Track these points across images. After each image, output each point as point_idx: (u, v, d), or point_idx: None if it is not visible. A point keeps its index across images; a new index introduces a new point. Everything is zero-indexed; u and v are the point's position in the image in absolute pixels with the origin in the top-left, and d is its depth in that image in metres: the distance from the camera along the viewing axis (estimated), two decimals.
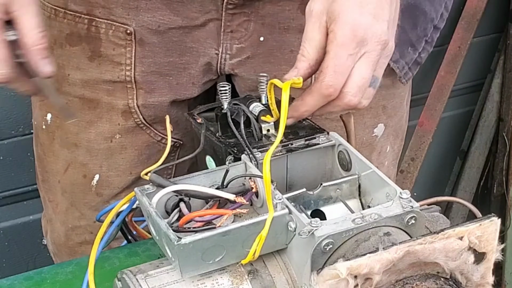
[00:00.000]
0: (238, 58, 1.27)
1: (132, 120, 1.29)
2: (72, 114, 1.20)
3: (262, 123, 1.03)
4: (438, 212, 1.04)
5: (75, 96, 1.29)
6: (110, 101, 1.28)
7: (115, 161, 1.32)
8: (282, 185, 1.00)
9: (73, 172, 1.34)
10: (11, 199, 2.02)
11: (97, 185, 1.34)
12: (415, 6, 1.30)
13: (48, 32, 1.23)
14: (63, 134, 1.32)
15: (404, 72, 1.33)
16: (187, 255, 0.83)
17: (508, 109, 2.49)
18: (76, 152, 1.33)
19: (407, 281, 0.83)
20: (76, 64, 1.26)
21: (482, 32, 2.45)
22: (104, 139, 1.31)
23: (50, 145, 1.36)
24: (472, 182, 2.64)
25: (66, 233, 1.41)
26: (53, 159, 1.37)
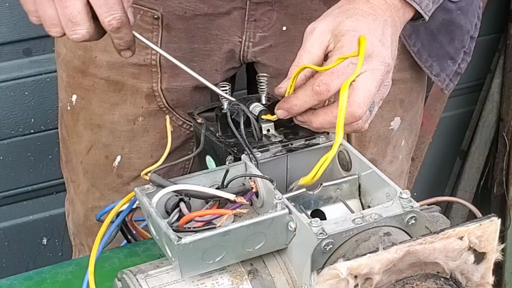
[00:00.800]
0: (260, 46, 1.30)
1: (155, 104, 1.31)
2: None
3: (262, 123, 1.03)
4: (438, 212, 1.04)
5: (101, 78, 1.31)
6: (135, 84, 1.30)
7: (137, 143, 1.35)
8: (282, 185, 1.00)
9: (96, 153, 1.37)
10: (11, 199, 2.03)
11: (119, 166, 1.36)
12: (450, 22, 1.34)
13: None
14: (88, 115, 1.35)
15: (445, 84, 1.38)
16: (187, 255, 0.83)
17: (508, 109, 2.49)
18: (99, 133, 1.35)
19: (407, 281, 0.83)
20: (104, 47, 1.29)
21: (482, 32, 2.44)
22: (127, 121, 1.33)
23: (74, 126, 1.38)
24: (472, 182, 2.64)
25: (86, 213, 1.44)
26: (76, 140, 1.39)
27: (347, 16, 1.02)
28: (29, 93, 1.91)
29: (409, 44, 1.31)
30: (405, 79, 1.35)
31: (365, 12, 1.02)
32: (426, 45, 1.34)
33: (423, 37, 1.32)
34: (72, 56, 1.33)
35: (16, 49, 1.88)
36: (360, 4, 1.03)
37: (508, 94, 2.48)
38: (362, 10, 1.03)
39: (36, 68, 1.90)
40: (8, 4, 1.82)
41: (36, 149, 1.98)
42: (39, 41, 1.88)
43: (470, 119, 2.60)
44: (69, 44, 1.33)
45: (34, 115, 1.94)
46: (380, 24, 1.02)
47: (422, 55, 1.34)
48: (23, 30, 1.85)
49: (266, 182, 0.91)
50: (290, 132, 1.03)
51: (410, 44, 1.31)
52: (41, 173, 2.01)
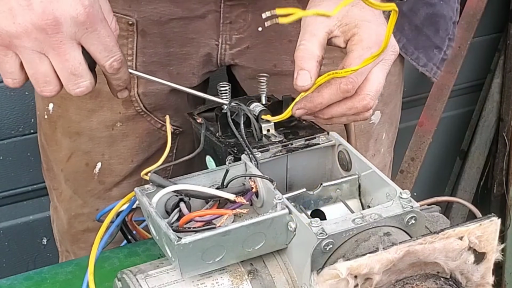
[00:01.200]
0: (237, 48, 1.29)
1: (133, 109, 1.31)
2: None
3: (262, 123, 1.03)
4: (438, 212, 1.04)
5: None
6: None
7: (117, 148, 1.34)
8: (282, 185, 1.00)
9: (76, 160, 1.36)
10: (11, 199, 2.02)
11: (100, 173, 1.35)
12: (434, 14, 1.35)
13: None
14: (65, 123, 1.34)
15: (433, 72, 1.40)
16: (187, 255, 0.83)
17: (508, 109, 2.49)
18: (78, 141, 1.34)
19: (407, 281, 0.83)
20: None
21: (482, 32, 2.45)
22: (105, 127, 1.32)
23: (53, 134, 1.37)
24: (472, 182, 2.63)
25: (69, 221, 1.43)
26: (55, 148, 1.38)
27: (351, 4, 1.01)
28: (29, 93, 1.90)
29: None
30: None
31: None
32: (412, 40, 1.35)
33: (407, 33, 1.34)
34: None
35: None
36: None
37: (508, 94, 2.48)
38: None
39: None
40: None
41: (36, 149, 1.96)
42: None
43: (470, 119, 2.60)
44: None
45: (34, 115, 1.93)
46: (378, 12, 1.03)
47: (408, 49, 1.35)
48: None
49: (266, 182, 0.91)
50: (290, 132, 1.04)
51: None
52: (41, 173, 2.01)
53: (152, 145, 1.34)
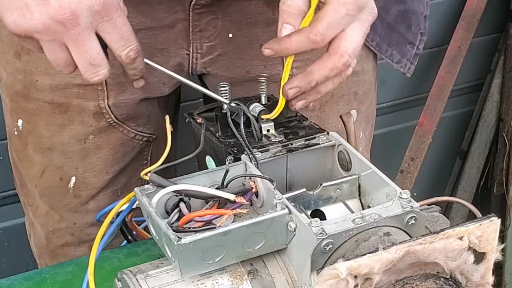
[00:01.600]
0: (209, 56, 1.27)
1: (104, 120, 1.29)
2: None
3: (262, 123, 1.03)
4: (438, 212, 1.04)
5: (44, 101, 1.28)
6: (81, 104, 1.27)
7: (91, 161, 1.32)
8: (282, 185, 1.00)
9: (49, 175, 1.34)
10: (11, 199, 2.02)
11: (75, 187, 1.34)
12: (405, 11, 1.35)
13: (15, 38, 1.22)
14: (36, 139, 1.32)
15: (407, 68, 1.38)
16: (187, 255, 0.83)
17: (508, 109, 2.49)
18: (50, 156, 1.32)
19: (407, 281, 0.83)
20: (45, 70, 1.25)
21: (482, 32, 2.45)
22: (77, 141, 1.30)
23: (24, 151, 1.35)
24: (472, 182, 2.64)
25: (47, 236, 1.41)
26: (27, 164, 1.36)
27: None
28: None
29: (367, 40, 1.31)
30: (356, 72, 1.34)
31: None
32: (385, 37, 1.34)
33: (380, 31, 1.33)
34: (13, 81, 1.29)
35: None
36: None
37: (508, 94, 2.48)
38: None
39: None
40: None
41: None
42: None
43: (470, 119, 2.60)
44: (9, 68, 1.28)
45: None
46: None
47: (382, 47, 1.35)
48: None
49: (266, 182, 0.91)
50: (290, 132, 1.04)
51: (368, 40, 1.31)
52: None
53: (127, 155, 1.32)
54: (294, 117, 1.07)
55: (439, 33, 2.40)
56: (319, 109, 1.32)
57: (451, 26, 2.37)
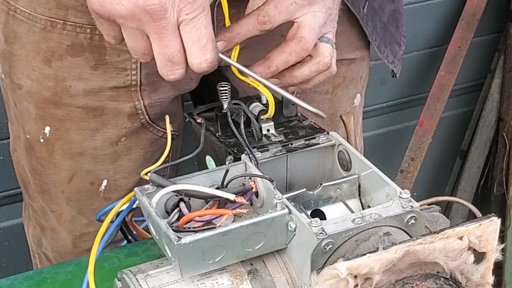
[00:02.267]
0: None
1: (138, 121, 1.29)
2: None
3: (262, 123, 1.03)
4: (438, 212, 1.04)
5: (77, 106, 1.27)
6: (116, 106, 1.27)
7: (122, 163, 1.32)
8: (282, 185, 1.00)
9: (79, 180, 1.33)
10: (11, 199, 2.02)
11: (105, 190, 1.33)
12: (395, 10, 1.38)
13: (43, 44, 1.22)
14: (65, 144, 1.31)
15: (398, 68, 1.42)
16: (187, 255, 0.83)
17: (508, 109, 2.49)
18: (81, 161, 1.31)
19: (407, 281, 0.83)
20: (79, 75, 1.25)
21: (482, 32, 2.45)
22: (110, 144, 1.30)
23: (50, 157, 1.33)
24: (472, 182, 2.64)
25: (74, 241, 1.40)
26: (54, 171, 1.35)
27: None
28: None
29: (373, 39, 1.35)
30: (363, 57, 1.39)
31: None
32: (382, 38, 1.37)
33: (379, 31, 1.36)
34: (40, 88, 1.27)
35: None
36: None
37: (508, 94, 2.48)
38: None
39: None
40: None
41: None
42: None
43: (470, 119, 2.60)
44: (35, 75, 1.27)
45: None
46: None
47: (381, 48, 1.38)
48: None
49: (266, 182, 0.91)
50: (290, 132, 1.04)
51: (373, 39, 1.35)
52: None
53: (155, 154, 1.33)
54: (294, 117, 1.07)
55: (439, 33, 2.40)
56: (332, 92, 1.35)
57: (451, 26, 2.37)
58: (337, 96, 1.35)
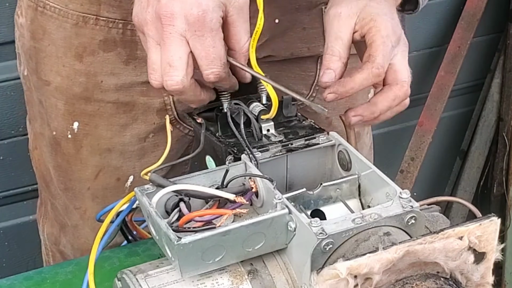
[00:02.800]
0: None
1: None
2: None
3: (262, 123, 1.03)
4: (438, 212, 1.04)
5: (108, 101, 1.28)
6: (146, 101, 1.28)
7: (148, 160, 1.32)
8: (282, 185, 1.00)
9: (105, 177, 1.34)
10: (11, 199, 2.02)
11: (131, 186, 1.34)
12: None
13: (75, 40, 1.24)
14: (94, 140, 1.32)
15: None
16: (187, 255, 0.83)
17: (508, 109, 2.49)
18: (108, 157, 1.32)
19: (407, 281, 0.83)
20: (110, 70, 1.26)
21: (482, 32, 2.45)
22: (138, 140, 1.31)
23: (77, 154, 1.34)
24: (472, 182, 2.64)
25: None
26: (80, 167, 1.35)
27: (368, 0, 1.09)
28: None
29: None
30: None
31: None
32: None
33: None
34: (71, 84, 1.28)
35: None
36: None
37: (508, 94, 2.48)
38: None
39: None
40: (8, 4, 1.82)
41: None
42: None
43: (470, 119, 2.60)
44: (66, 71, 1.28)
45: None
46: (393, 6, 1.11)
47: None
48: None
49: (266, 182, 0.91)
50: (290, 132, 1.04)
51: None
52: None
53: (179, 151, 1.33)
54: (294, 117, 1.07)
55: (439, 33, 2.41)
56: None
57: (451, 26, 2.38)
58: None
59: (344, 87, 1.05)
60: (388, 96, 1.08)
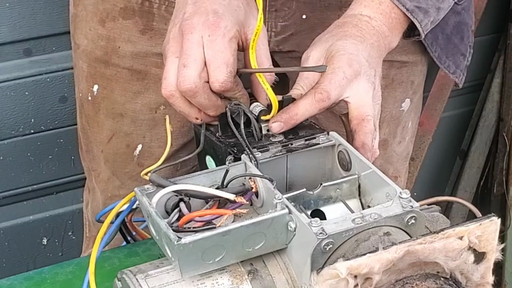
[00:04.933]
0: (282, 35, 1.32)
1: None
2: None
3: (262, 123, 1.03)
4: (438, 212, 1.04)
5: (124, 67, 1.33)
6: (158, 73, 1.31)
7: (158, 132, 1.36)
8: (282, 185, 1.00)
9: (117, 141, 1.39)
10: (11, 199, 2.02)
11: (139, 155, 1.38)
12: (460, 22, 1.41)
13: (100, 5, 1.31)
14: (109, 104, 1.37)
15: (460, 78, 1.45)
16: (187, 255, 0.83)
17: (508, 109, 2.49)
18: (121, 122, 1.37)
19: (407, 280, 0.83)
20: (128, 37, 1.31)
21: (482, 32, 2.45)
22: (149, 109, 1.35)
23: (95, 116, 1.40)
24: (472, 182, 2.64)
25: (105, 202, 1.45)
26: (97, 129, 1.41)
27: (336, 38, 1.08)
28: (29, 93, 1.90)
29: (432, 51, 1.36)
30: (416, 62, 1.40)
31: (353, 34, 1.09)
32: (444, 48, 1.39)
33: (440, 42, 1.38)
34: (94, 47, 1.35)
35: (17, 49, 1.88)
36: (349, 27, 1.10)
37: (508, 94, 2.48)
38: (350, 33, 1.09)
39: (36, 68, 1.90)
40: (8, 4, 1.82)
41: (36, 149, 1.98)
42: (40, 41, 1.88)
43: (470, 119, 2.60)
44: (91, 34, 1.34)
45: (34, 115, 1.94)
46: (367, 46, 1.09)
47: (442, 58, 1.40)
48: (23, 30, 1.85)
49: (266, 182, 0.91)
50: (290, 132, 1.04)
51: (432, 51, 1.36)
52: (41, 173, 2.01)
53: (191, 130, 1.35)
54: None
55: None
56: None
57: None
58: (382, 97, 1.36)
59: (288, 113, 1.03)
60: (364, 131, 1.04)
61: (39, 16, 1.85)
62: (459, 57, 1.43)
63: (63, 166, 2.01)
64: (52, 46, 1.89)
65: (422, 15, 1.17)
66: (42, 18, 1.85)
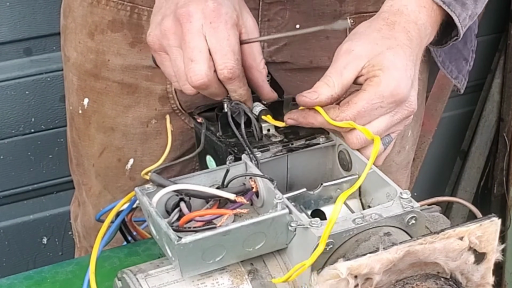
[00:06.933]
0: (275, 46, 1.29)
1: (169, 106, 1.31)
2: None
3: (263, 122, 1.03)
4: (438, 212, 1.04)
5: (114, 81, 1.32)
6: (149, 86, 1.30)
7: (150, 146, 1.35)
8: (282, 185, 1.00)
9: (108, 155, 1.37)
10: (11, 199, 2.02)
11: (131, 169, 1.37)
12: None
13: (89, 18, 1.29)
14: (100, 118, 1.35)
15: (462, 83, 1.42)
16: (187, 254, 0.83)
17: (508, 109, 2.49)
18: (112, 136, 1.35)
19: (407, 281, 0.83)
20: (117, 50, 1.30)
21: (482, 32, 2.44)
22: (140, 123, 1.33)
23: (86, 129, 1.38)
24: (472, 182, 2.63)
25: None
26: (88, 143, 1.39)
27: (387, 46, 1.00)
28: (30, 92, 1.90)
29: (436, 55, 1.34)
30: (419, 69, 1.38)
31: (404, 44, 1.01)
32: (447, 53, 1.37)
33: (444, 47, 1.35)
34: (84, 60, 1.33)
35: (17, 49, 1.88)
36: (399, 33, 1.02)
37: (508, 94, 2.48)
38: (401, 41, 1.01)
39: (36, 68, 1.90)
40: (8, 3, 1.82)
41: (37, 149, 1.98)
42: (40, 40, 1.88)
43: (470, 119, 2.60)
44: (81, 47, 1.33)
45: (35, 114, 1.94)
46: (413, 59, 1.02)
47: (445, 63, 1.38)
48: (23, 29, 1.85)
49: (267, 181, 0.91)
50: (290, 132, 1.04)
51: (437, 55, 1.34)
52: (42, 172, 2.01)
53: (184, 144, 1.34)
54: None
55: None
56: None
57: None
58: None
59: (305, 119, 1.00)
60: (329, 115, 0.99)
61: (39, 16, 1.85)
62: (462, 62, 1.41)
63: (63, 165, 2.00)
64: (53, 45, 1.88)
65: (460, 8, 1.08)
66: (43, 17, 1.85)
